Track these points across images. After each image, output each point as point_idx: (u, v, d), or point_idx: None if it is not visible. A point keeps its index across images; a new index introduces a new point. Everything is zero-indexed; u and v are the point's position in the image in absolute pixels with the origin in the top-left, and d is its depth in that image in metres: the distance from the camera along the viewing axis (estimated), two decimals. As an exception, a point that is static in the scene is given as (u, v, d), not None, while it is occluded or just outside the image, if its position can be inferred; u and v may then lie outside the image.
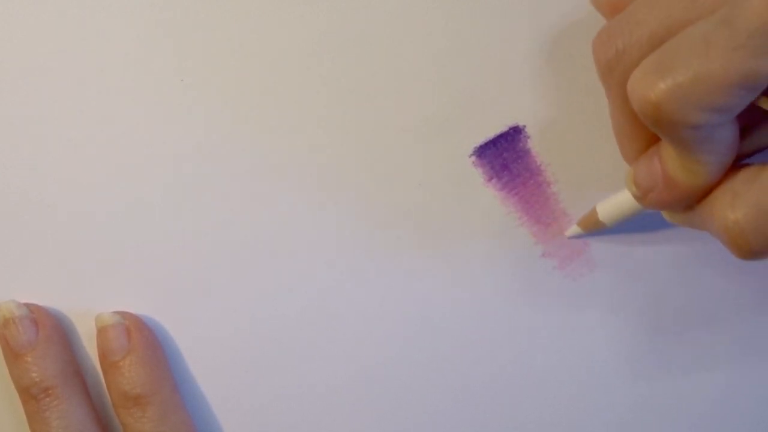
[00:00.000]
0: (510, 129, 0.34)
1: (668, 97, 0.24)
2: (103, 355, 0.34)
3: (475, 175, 0.35)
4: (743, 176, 0.26)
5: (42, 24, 0.34)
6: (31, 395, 0.34)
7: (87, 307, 0.35)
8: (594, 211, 0.33)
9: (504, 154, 0.34)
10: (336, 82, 0.34)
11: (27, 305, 0.34)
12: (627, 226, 0.34)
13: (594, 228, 0.34)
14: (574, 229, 0.34)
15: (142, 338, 0.34)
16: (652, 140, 0.29)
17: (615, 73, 0.28)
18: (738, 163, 0.27)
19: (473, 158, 0.34)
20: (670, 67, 0.24)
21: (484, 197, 0.35)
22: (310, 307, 0.35)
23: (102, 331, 0.34)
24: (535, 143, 0.34)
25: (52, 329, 0.34)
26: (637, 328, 0.35)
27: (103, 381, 0.35)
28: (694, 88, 0.24)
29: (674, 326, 0.35)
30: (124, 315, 0.35)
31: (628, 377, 0.36)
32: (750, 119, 0.27)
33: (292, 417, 0.36)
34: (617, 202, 0.32)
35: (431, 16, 0.33)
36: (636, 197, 0.30)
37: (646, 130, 0.28)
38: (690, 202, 0.28)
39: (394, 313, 0.35)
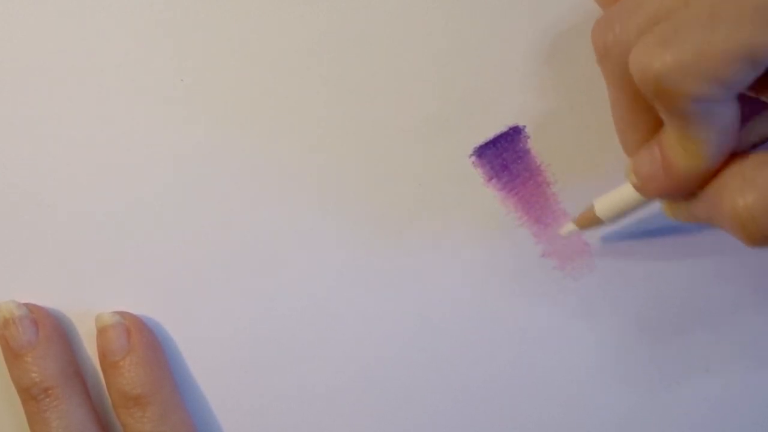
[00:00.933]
0: (510, 129, 0.34)
1: (671, 68, 0.24)
2: (103, 355, 0.34)
3: (475, 175, 0.34)
4: (753, 161, 0.26)
5: (42, 24, 0.34)
6: (31, 395, 0.34)
7: (87, 307, 0.35)
8: (591, 208, 0.33)
9: (504, 154, 0.34)
10: (336, 82, 0.34)
11: (27, 305, 0.34)
12: (626, 227, 0.34)
13: (590, 225, 0.33)
14: (569, 226, 0.34)
15: (142, 338, 0.34)
16: (653, 130, 0.28)
17: (612, 54, 0.27)
18: (746, 152, 0.27)
19: (473, 158, 0.34)
20: (674, 39, 0.24)
21: (484, 197, 0.35)
22: (310, 307, 0.35)
23: (102, 332, 0.34)
24: (535, 143, 0.34)
25: (52, 329, 0.34)
26: (636, 329, 0.35)
27: (103, 381, 0.35)
28: (698, 59, 0.24)
29: (674, 327, 0.35)
30: (124, 315, 0.35)
31: (627, 377, 0.36)
32: (752, 110, 0.27)
33: (292, 417, 0.36)
34: (615, 197, 0.32)
35: (431, 16, 0.33)
36: (636, 187, 0.29)
37: (646, 119, 0.28)
38: (691, 189, 0.28)
39: (394, 313, 0.35)
